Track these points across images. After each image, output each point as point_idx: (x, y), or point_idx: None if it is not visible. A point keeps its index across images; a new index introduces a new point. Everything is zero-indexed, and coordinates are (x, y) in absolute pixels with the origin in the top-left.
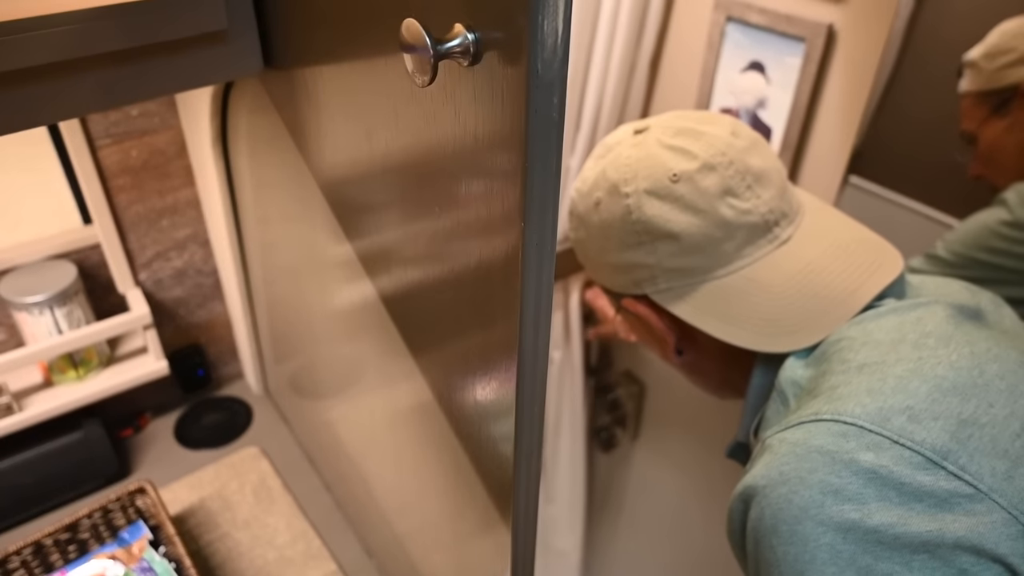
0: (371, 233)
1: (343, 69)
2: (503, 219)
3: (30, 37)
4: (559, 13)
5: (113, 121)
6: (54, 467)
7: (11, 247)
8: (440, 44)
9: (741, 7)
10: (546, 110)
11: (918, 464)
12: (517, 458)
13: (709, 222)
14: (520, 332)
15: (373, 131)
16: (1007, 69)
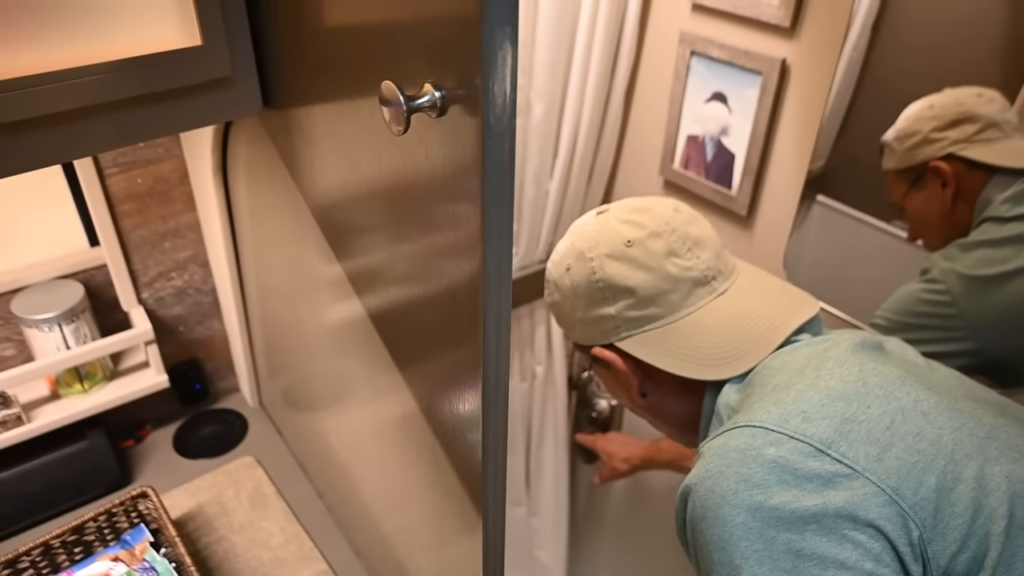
0: (358, 255)
1: (332, 113)
2: (468, 244)
3: (64, 86)
4: (507, 78)
5: (121, 151)
6: (60, 475)
7: (22, 267)
8: (412, 100)
9: (704, 42)
10: (499, 154)
11: (809, 453)
12: (484, 456)
13: (658, 277)
14: (484, 344)
15: (358, 167)
16: (915, 149)
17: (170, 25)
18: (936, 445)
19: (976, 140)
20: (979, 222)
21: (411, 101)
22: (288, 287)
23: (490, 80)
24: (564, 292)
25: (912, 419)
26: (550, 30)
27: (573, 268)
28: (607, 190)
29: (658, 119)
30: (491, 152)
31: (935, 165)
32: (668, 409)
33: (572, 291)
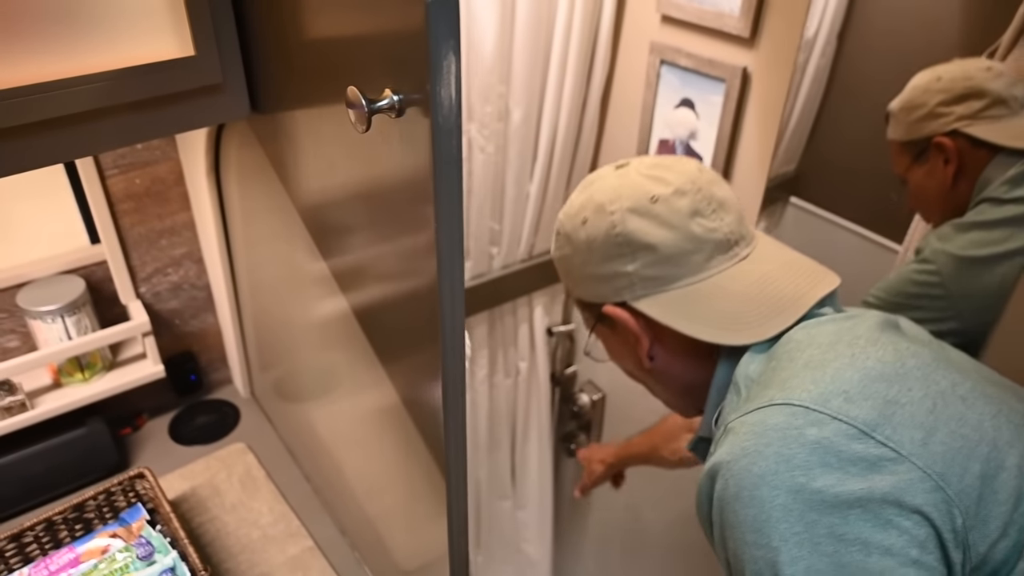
0: (341, 253)
1: (311, 117)
2: (424, 228)
3: (72, 92)
4: (451, 83)
5: (120, 154)
6: (61, 459)
7: (27, 263)
8: (373, 103)
9: (672, 52)
10: (448, 148)
11: (853, 435)
12: (447, 439)
13: (681, 237)
14: (441, 320)
15: (334, 166)
16: (920, 122)
17: (166, 37)
18: (978, 431)
19: (982, 117)
20: (977, 202)
21: (372, 104)
22: (278, 284)
23: (437, 85)
24: (577, 245)
25: (952, 404)
26: (527, 42)
27: (591, 221)
28: None
29: (632, 124)
30: (440, 146)
31: (939, 141)
32: (674, 374)
33: (587, 245)
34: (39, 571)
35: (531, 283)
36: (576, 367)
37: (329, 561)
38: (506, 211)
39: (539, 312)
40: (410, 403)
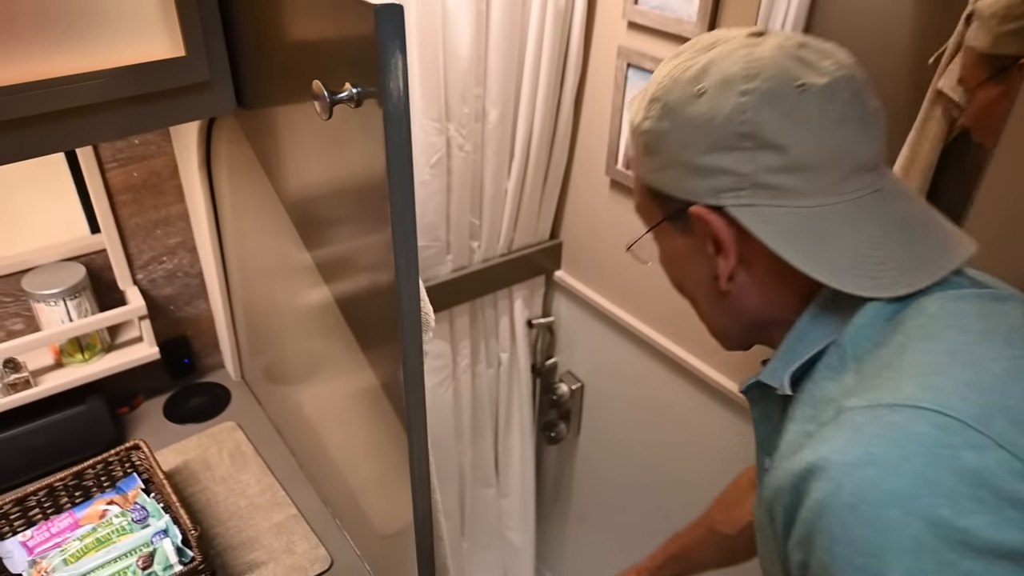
0: (322, 244)
1: (288, 111)
2: (382, 204)
3: (74, 88)
4: (399, 77)
5: (119, 147)
6: (62, 433)
7: (32, 251)
8: (334, 95)
9: (637, 55)
10: (397, 132)
11: (1019, 472)
12: (408, 421)
13: (822, 144)
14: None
15: (309, 156)
16: (1011, 36)
17: (159, 39)
18: None
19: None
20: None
21: (333, 95)
22: (266, 273)
23: (387, 79)
24: (682, 122)
25: None
26: (501, 46)
27: (710, 95)
28: (562, 189)
29: (604, 124)
30: (391, 131)
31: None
32: (748, 305)
33: (696, 123)
34: (41, 532)
35: (511, 276)
36: (556, 359)
37: (311, 527)
38: (485, 207)
39: (519, 304)
40: (383, 383)
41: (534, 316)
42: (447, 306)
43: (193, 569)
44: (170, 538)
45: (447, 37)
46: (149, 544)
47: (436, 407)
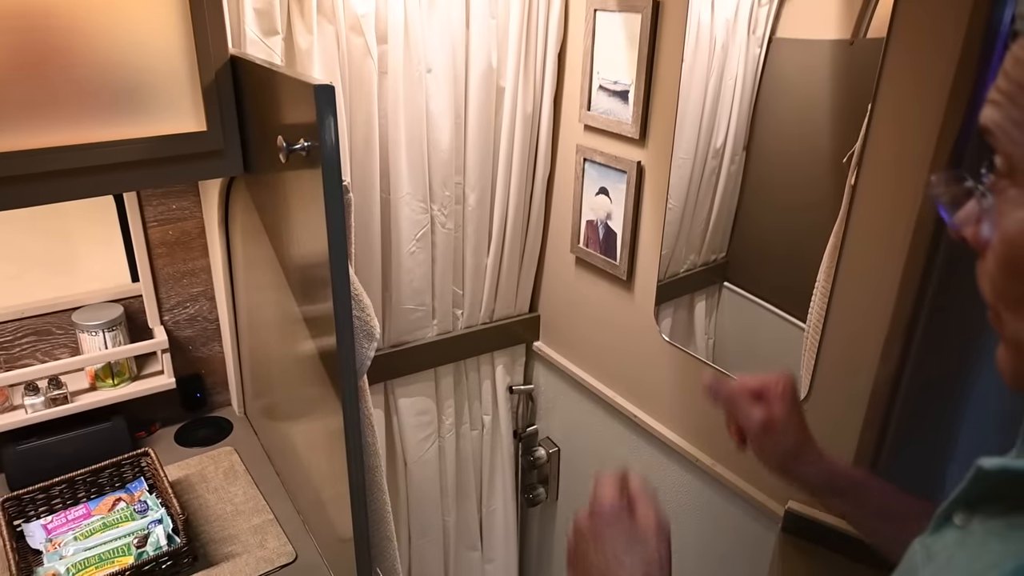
0: (303, 300)
1: (274, 177)
2: (322, 246)
3: (123, 148)
4: (332, 135)
5: (160, 211)
6: (88, 445)
7: (84, 293)
8: (291, 147)
9: (590, 151)
10: (332, 173)
11: None
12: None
13: None
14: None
15: (290, 218)
16: None
17: (188, 117)
18: None
19: None
20: None
21: (290, 147)
22: (267, 323)
23: (326, 136)
24: None
25: None
26: (478, 142)
27: None
28: (539, 267)
29: (568, 209)
30: (328, 171)
31: None
32: None
33: None
34: (59, 518)
35: (493, 343)
36: (537, 425)
37: (283, 530)
38: (467, 279)
39: (501, 370)
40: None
41: (515, 383)
42: (432, 365)
43: (178, 550)
44: (163, 526)
45: (430, 133)
46: (145, 529)
47: (421, 462)
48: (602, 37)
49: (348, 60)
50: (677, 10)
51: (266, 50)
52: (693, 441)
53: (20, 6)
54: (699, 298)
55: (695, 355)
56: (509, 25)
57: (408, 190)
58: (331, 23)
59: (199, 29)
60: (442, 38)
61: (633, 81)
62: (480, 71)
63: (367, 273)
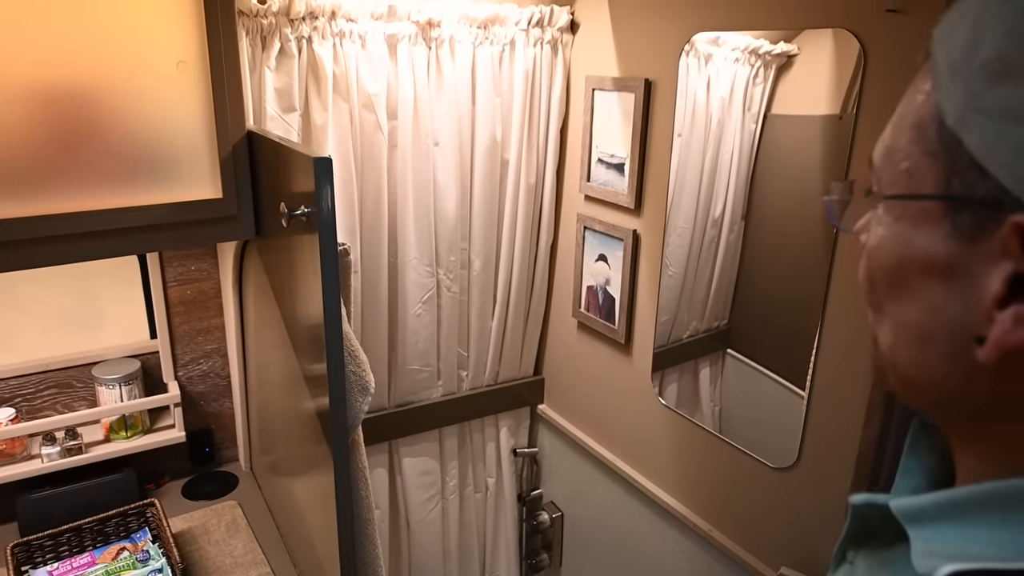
0: (303, 357)
1: (280, 241)
2: (318, 305)
3: (146, 212)
4: (328, 203)
5: (179, 272)
6: (98, 495)
7: (105, 348)
8: (292, 212)
9: (590, 220)
10: (328, 239)
11: None
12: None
13: None
14: (332, 412)
15: (295, 283)
16: None
17: (206, 186)
18: None
19: None
20: None
21: (291, 212)
22: (274, 381)
23: (323, 203)
24: None
25: None
26: (483, 210)
27: None
28: (543, 331)
29: (569, 275)
30: (324, 235)
31: None
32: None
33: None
34: (64, 565)
35: (497, 405)
36: (541, 490)
37: None
38: (472, 341)
39: (505, 432)
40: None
41: (520, 445)
42: (436, 426)
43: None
44: (163, 574)
45: (437, 202)
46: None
47: (424, 523)
48: (600, 114)
49: (360, 134)
50: (667, 90)
51: (284, 125)
52: (690, 505)
53: (61, 86)
54: (703, 364)
55: (691, 419)
56: (513, 103)
57: (415, 255)
58: (345, 101)
59: (220, 108)
60: (449, 114)
61: (628, 154)
62: (485, 145)
63: (374, 333)
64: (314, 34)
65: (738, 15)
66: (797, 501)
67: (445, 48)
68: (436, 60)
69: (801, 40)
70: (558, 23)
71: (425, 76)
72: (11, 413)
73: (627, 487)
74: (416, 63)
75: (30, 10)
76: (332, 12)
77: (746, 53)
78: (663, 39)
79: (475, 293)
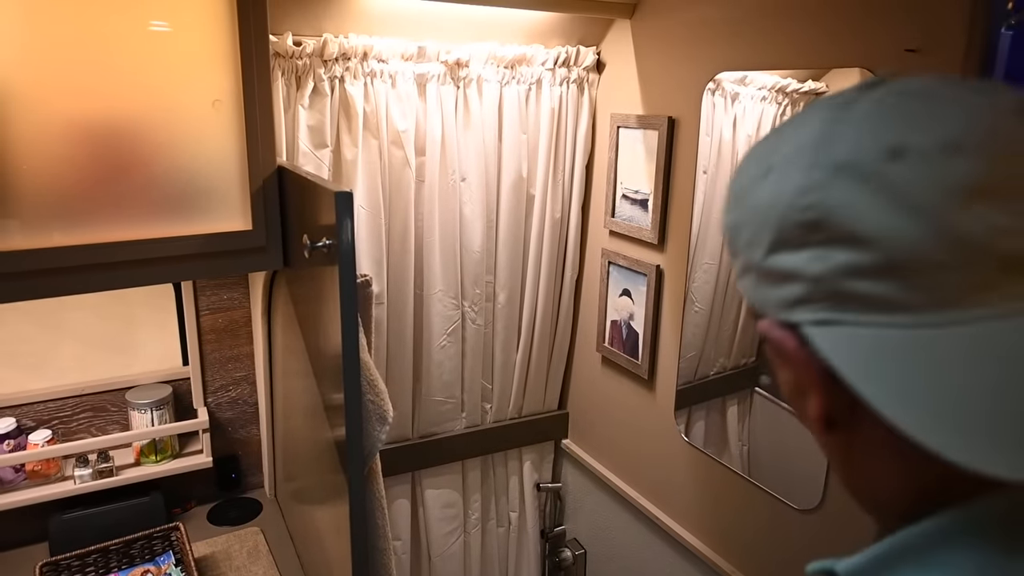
0: (323, 386)
1: (304, 272)
2: (335, 330)
3: (181, 243)
4: (349, 236)
5: (212, 300)
6: (126, 517)
7: (139, 374)
8: (314, 244)
9: (614, 255)
10: (348, 271)
11: None
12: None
13: (933, 232)
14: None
15: (318, 314)
16: None
17: (236, 218)
18: None
19: None
20: None
21: (313, 244)
22: (298, 409)
23: (343, 235)
24: (746, 211)
25: None
26: (508, 244)
27: (777, 171)
28: (568, 365)
29: (594, 310)
30: (344, 263)
31: None
32: (869, 472)
33: (759, 214)
34: None
35: (521, 438)
36: (565, 526)
37: None
38: (496, 373)
39: (528, 466)
40: None
41: (543, 480)
42: (460, 458)
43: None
44: None
45: (463, 235)
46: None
47: (445, 556)
48: (624, 150)
49: (389, 170)
50: (691, 127)
51: (316, 161)
52: (713, 545)
53: (104, 122)
54: (731, 402)
55: (717, 459)
56: (539, 139)
57: (441, 287)
58: (375, 138)
59: (252, 144)
60: (476, 150)
61: (652, 190)
62: (511, 180)
63: (399, 364)
64: (346, 74)
65: (760, 55)
66: (821, 544)
67: (473, 87)
68: (464, 98)
69: (829, 78)
70: (584, 63)
71: (453, 114)
72: (48, 435)
73: (650, 525)
74: (444, 101)
75: (76, 50)
76: (364, 53)
77: (773, 92)
78: (687, 78)
79: (500, 326)
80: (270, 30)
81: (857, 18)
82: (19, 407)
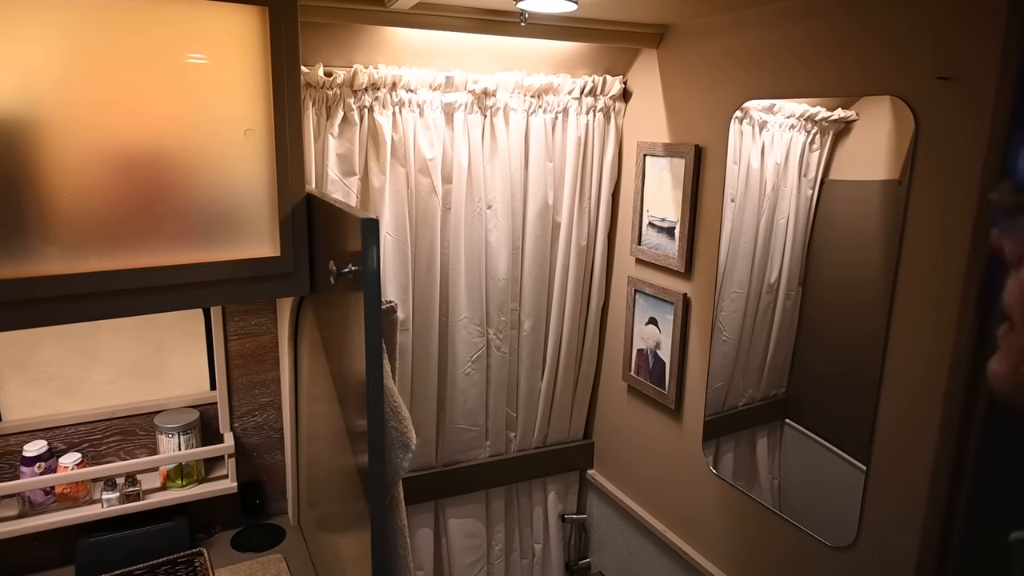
0: (347, 412)
1: (330, 298)
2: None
3: (213, 268)
4: (374, 263)
5: (240, 326)
6: (152, 541)
7: (166, 398)
8: (340, 270)
9: (640, 283)
10: (372, 289)
11: None
12: None
13: None
14: (369, 463)
15: (343, 341)
16: None
17: (266, 245)
18: None
19: None
20: None
21: (340, 270)
22: (322, 436)
23: (368, 261)
24: None
25: None
26: (533, 272)
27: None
28: (593, 394)
29: (620, 339)
30: (369, 289)
31: None
32: None
33: None
34: None
35: (545, 468)
36: (590, 559)
37: None
38: (520, 402)
39: (553, 497)
40: None
41: (568, 511)
42: (483, 487)
43: None
44: None
45: (488, 263)
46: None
47: None
48: (651, 178)
49: (415, 197)
50: (718, 155)
51: (344, 188)
52: None
53: (139, 151)
54: (761, 434)
55: (747, 492)
56: (565, 167)
57: (466, 314)
58: (403, 166)
59: (282, 172)
60: (502, 178)
61: (679, 218)
62: (537, 208)
63: (423, 391)
64: (375, 103)
65: (788, 83)
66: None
67: (499, 116)
68: (491, 127)
69: (859, 106)
70: (611, 91)
71: (479, 142)
72: (78, 458)
73: (678, 560)
74: (471, 130)
75: (115, 82)
76: (393, 83)
77: (802, 120)
78: (714, 106)
79: (524, 353)
80: (302, 61)
81: (887, 46)
82: (51, 430)
